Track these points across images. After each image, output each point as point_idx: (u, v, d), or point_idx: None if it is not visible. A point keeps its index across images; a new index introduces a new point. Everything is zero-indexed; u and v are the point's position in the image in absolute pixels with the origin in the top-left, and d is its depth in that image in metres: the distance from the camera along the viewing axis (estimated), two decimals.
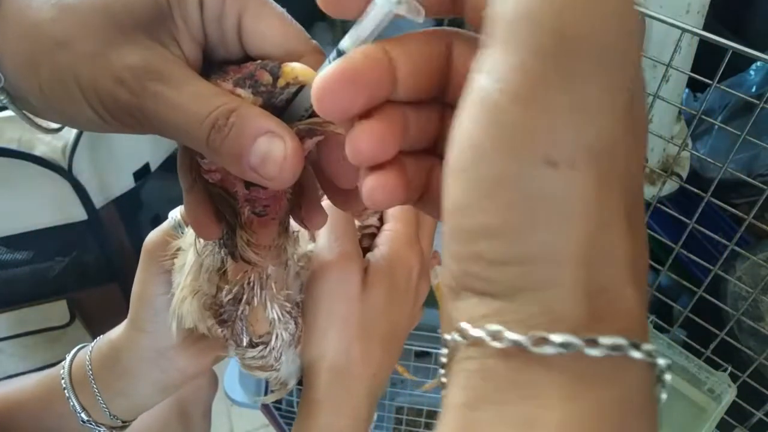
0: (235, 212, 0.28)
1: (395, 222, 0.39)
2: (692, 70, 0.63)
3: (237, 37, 0.25)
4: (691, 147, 0.69)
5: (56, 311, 1.25)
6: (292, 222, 0.32)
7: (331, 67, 0.20)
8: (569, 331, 0.15)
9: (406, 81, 0.21)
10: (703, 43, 0.57)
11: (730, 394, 0.66)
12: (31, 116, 0.27)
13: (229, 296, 0.33)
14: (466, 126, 0.15)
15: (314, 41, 0.26)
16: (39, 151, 1.06)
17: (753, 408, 0.66)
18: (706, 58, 0.62)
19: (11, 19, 0.23)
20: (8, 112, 1.08)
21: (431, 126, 0.23)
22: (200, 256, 0.33)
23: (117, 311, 0.48)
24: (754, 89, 1.12)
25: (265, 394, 1.00)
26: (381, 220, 0.41)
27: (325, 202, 0.31)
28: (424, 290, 0.41)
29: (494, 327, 0.16)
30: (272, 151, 0.23)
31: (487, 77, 0.15)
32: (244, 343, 0.35)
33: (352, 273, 0.36)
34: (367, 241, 0.40)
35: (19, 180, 1.07)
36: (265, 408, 1.00)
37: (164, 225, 0.38)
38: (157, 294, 0.38)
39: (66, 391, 0.42)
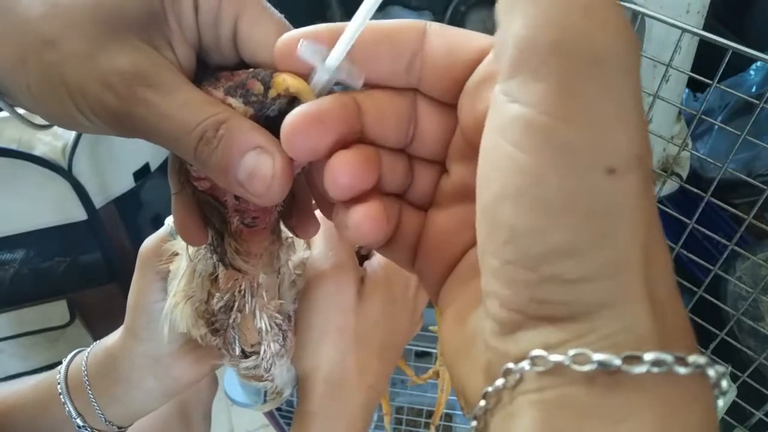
0: (224, 220, 0.28)
1: None
2: (692, 70, 0.63)
3: (232, 42, 0.25)
4: (691, 147, 0.69)
5: (56, 311, 1.25)
6: (285, 228, 0.32)
7: (298, 109, 0.20)
8: (657, 348, 0.15)
9: (373, 126, 0.21)
10: (703, 43, 0.57)
11: (730, 394, 0.66)
12: (20, 112, 0.26)
13: (221, 303, 0.33)
14: (509, 152, 0.15)
15: None
16: (39, 151, 1.06)
17: (753, 408, 0.66)
18: (706, 58, 0.62)
19: (1, 17, 0.23)
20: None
21: (399, 172, 0.23)
22: (193, 261, 0.33)
23: (117, 311, 0.48)
24: (754, 89, 1.12)
25: (264, 398, 1.00)
26: None
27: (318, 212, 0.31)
28: (423, 300, 0.41)
29: (577, 351, 0.15)
30: (260, 167, 0.22)
31: (524, 105, 0.15)
32: (237, 353, 0.35)
33: (347, 283, 0.36)
34: (365, 248, 0.40)
35: (19, 180, 1.07)
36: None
37: (160, 231, 0.38)
38: (153, 301, 0.38)
39: (62, 396, 0.42)
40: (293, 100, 0.23)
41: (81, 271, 1.23)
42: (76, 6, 0.22)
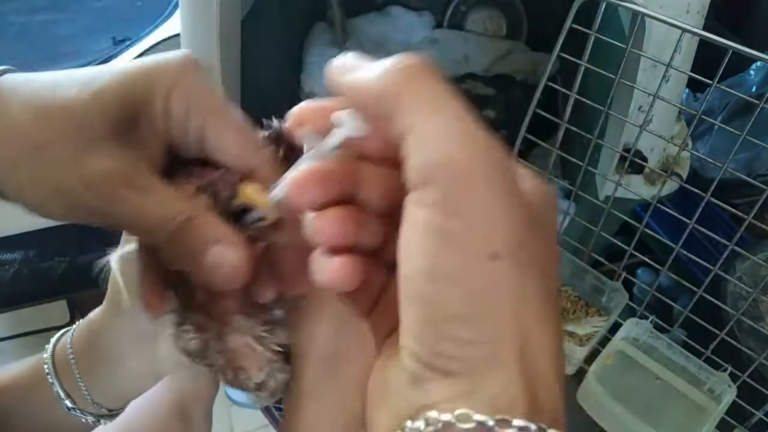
0: (189, 292, 0.30)
1: None
2: (692, 70, 0.63)
3: (199, 143, 0.27)
4: (691, 147, 0.69)
5: (56, 311, 1.25)
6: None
7: (307, 165, 0.23)
8: (525, 417, 0.18)
9: (365, 191, 0.24)
10: (703, 43, 0.57)
11: (730, 394, 0.66)
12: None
13: (197, 347, 0.32)
14: (417, 240, 0.20)
15: (268, 150, 0.28)
16: None
17: (753, 408, 0.66)
18: (706, 58, 0.62)
19: None
20: None
21: (376, 233, 0.25)
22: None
23: None
24: (754, 89, 1.12)
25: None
26: None
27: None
28: None
29: (461, 411, 0.18)
30: (223, 259, 0.25)
31: (426, 207, 0.20)
32: (250, 385, 0.34)
33: None
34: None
35: None
36: (265, 408, 1.00)
37: None
38: (134, 272, 0.36)
39: (49, 376, 0.41)
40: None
41: (81, 271, 1.23)
42: (62, 114, 0.25)
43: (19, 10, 1.22)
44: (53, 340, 0.43)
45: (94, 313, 0.42)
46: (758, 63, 1.12)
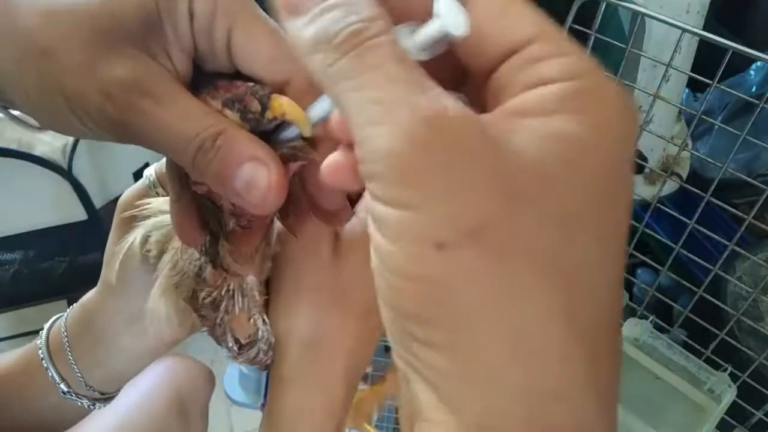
0: (220, 223, 0.28)
1: None
2: (692, 70, 0.63)
3: (226, 51, 0.25)
4: (691, 147, 0.69)
5: (56, 311, 1.25)
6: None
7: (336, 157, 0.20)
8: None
9: None
10: (703, 43, 0.57)
11: (730, 394, 0.66)
12: (16, 115, 0.27)
13: (208, 299, 0.32)
14: (373, 234, 0.17)
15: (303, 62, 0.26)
16: (39, 151, 1.06)
17: (753, 408, 0.66)
18: (706, 58, 0.62)
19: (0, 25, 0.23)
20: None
21: None
22: (180, 260, 0.32)
23: None
24: (754, 89, 1.12)
25: (265, 394, 1.00)
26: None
27: None
28: None
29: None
30: (257, 178, 0.23)
31: (377, 200, 0.17)
32: (229, 345, 0.34)
33: (319, 239, 0.33)
34: None
35: (19, 180, 1.07)
36: (265, 408, 1.00)
37: (139, 184, 0.37)
38: (129, 255, 0.36)
39: (44, 361, 0.40)
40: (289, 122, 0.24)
41: (81, 271, 1.23)
42: (71, 17, 0.23)
43: None
44: (46, 326, 0.42)
45: (88, 296, 0.41)
46: (758, 63, 1.12)
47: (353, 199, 0.35)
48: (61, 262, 1.23)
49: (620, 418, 0.69)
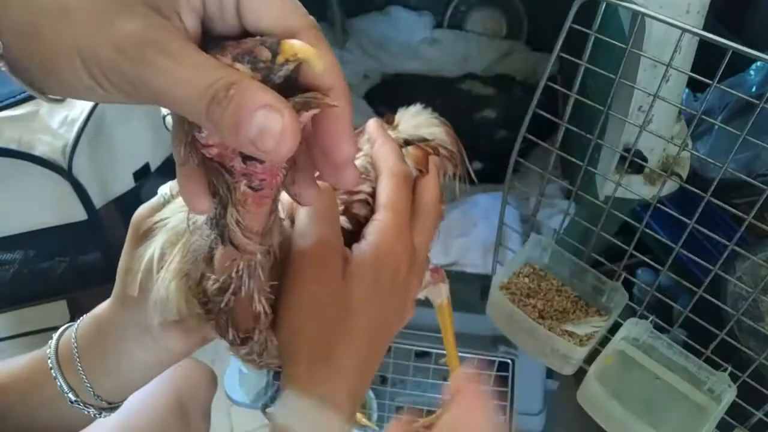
0: (230, 187, 0.28)
1: (385, 211, 0.37)
2: (692, 70, 0.63)
3: (235, 10, 0.26)
4: (691, 147, 0.69)
5: (56, 311, 1.25)
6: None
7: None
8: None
9: None
10: (703, 43, 0.57)
11: (730, 394, 0.66)
12: (30, 86, 0.27)
13: (215, 286, 0.32)
14: None
15: (311, 17, 0.27)
16: (39, 151, 1.06)
17: (753, 408, 0.66)
18: (706, 58, 0.62)
19: None
20: (8, 112, 1.08)
21: None
22: (188, 237, 0.32)
23: None
24: (754, 89, 1.12)
25: (265, 394, 1.00)
26: (373, 190, 0.39)
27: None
28: (415, 286, 0.39)
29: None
30: (270, 124, 0.23)
31: None
32: (230, 337, 0.34)
33: (330, 260, 0.34)
34: (358, 207, 0.38)
35: (19, 180, 1.07)
36: (266, 408, 1.00)
37: (153, 201, 0.37)
38: (147, 270, 0.37)
39: (53, 371, 0.41)
40: (298, 67, 0.25)
41: (81, 271, 1.23)
42: None
43: None
44: (55, 336, 0.43)
45: (101, 308, 0.42)
46: (758, 63, 1.12)
47: (361, 222, 0.37)
48: (61, 262, 1.23)
49: (620, 418, 0.69)
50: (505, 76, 1.50)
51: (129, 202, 1.22)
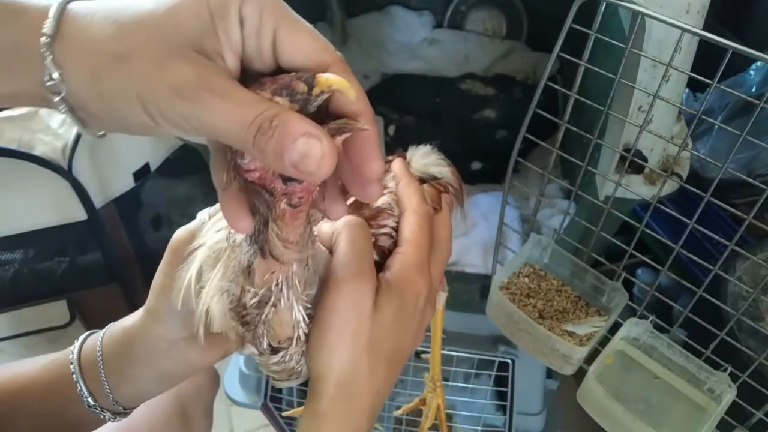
0: (269, 206, 0.31)
1: (408, 246, 0.41)
2: (692, 70, 0.63)
3: (272, 49, 0.29)
4: (691, 147, 0.69)
5: (56, 311, 1.25)
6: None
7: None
8: None
9: None
10: (703, 43, 0.57)
11: (730, 394, 0.66)
12: (81, 123, 0.30)
13: (255, 299, 0.35)
14: None
15: (339, 53, 0.30)
16: (39, 151, 1.06)
17: (753, 408, 0.66)
18: (706, 58, 0.62)
19: (73, 37, 0.27)
20: (8, 112, 1.08)
21: None
22: (231, 253, 0.35)
23: (117, 311, 0.49)
24: (754, 89, 1.12)
25: (266, 395, 1.00)
26: (396, 226, 0.43)
27: (346, 219, 0.38)
28: (429, 315, 0.43)
29: None
30: (311, 149, 0.27)
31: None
32: (264, 346, 0.37)
33: (365, 292, 0.37)
34: (383, 240, 0.42)
35: (19, 180, 1.07)
36: (265, 408, 1.00)
37: (192, 224, 0.40)
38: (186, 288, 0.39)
39: (74, 375, 0.44)
40: (330, 96, 0.29)
41: (81, 271, 1.23)
42: (141, 27, 0.27)
43: None
44: (78, 342, 0.46)
45: (131, 320, 0.44)
46: (758, 63, 1.12)
47: (385, 253, 0.42)
48: (61, 262, 1.23)
49: (620, 418, 0.69)
50: (505, 76, 1.50)
51: (129, 202, 1.22)
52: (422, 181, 0.50)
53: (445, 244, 0.45)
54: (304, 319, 0.37)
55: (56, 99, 0.28)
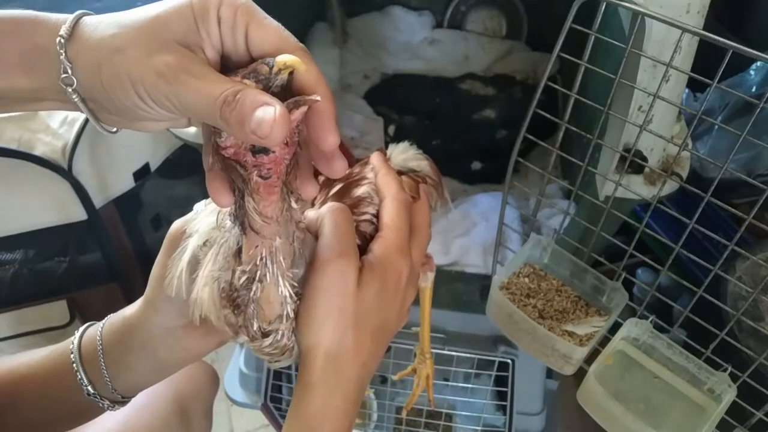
0: (245, 179, 0.35)
1: (388, 230, 0.44)
2: (692, 70, 0.63)
3: (245, 43, 0.35)
4: (691, 147, 0.69)
5: (56, 311, 1.25)
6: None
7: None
8: None
9: None
10: (703, 43, 0.57)
11: (730, 394, 0.66)
12: (93, 116, 0.36)
13: (243, 277, 0.38)
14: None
15: (301, 44, 0.35)
16: (39, 151, 1.06)
17: (753, 408, 0.66)
18: (706, 58, 0.62)
19: (82, 39, 0.34)
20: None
21: None
22: (221, 238, 0.38)
23: (117, 311, 0.49)
24: (754, 89, 1.12)
25: (265, 395, 1.00)
26: (377, 213, 0.46)
27: (329, 204, 0.42)
28: (411, 295, 0.46)
29: None
30: (266, 115, 0.31)
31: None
32: (255, 329, 0.39)
33: (349, 271, 0.40)
34: (364, 226, 0.46)
35: (19, 180, 1.07)
36: (265, 408, 1.00)
37: (188, 215, 0.43)
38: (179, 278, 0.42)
39: (75, 365, 0.47)
40: (290, 77, 0.33)
41: (81, 271, 1.23)
42: (136, 26, 0.33)
43: None
44: (78, 332, 0.49)
45: (130, 309, 0.47)
46: (758, 63, 1.12)
47: (367, 238, 0.45)
48: (61, 262, 1.23)
49: (620, 418, 0.69)
50: (505, 76, 1.50)
51: (129, 202, 1.22)
52: (401, 174, 0.53)
53: (424, 229, 0.48)
54: (290, 294, 0.39)
55: (69, 89, 0.34)
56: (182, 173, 1.31)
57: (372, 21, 1.55)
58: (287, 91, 0.34)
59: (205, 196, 0.39)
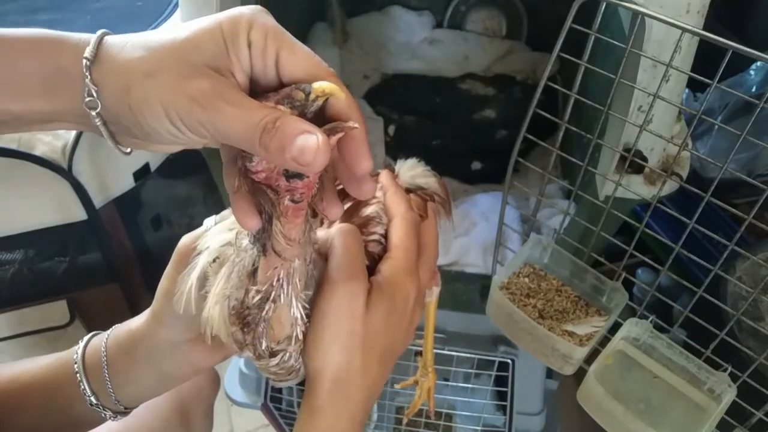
0: (274, 204, 0.35)
1: (397, 251, 0.44)
2: (692, 70, 0.63)
3: (275, 67, 0.34)
4: (691, 147, 0.69)
5: (56, 311, 1.25)
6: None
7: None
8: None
9: None
10: (703, 43, 0.57)
11: (730, 394, 0.66)
12: (113, 139, 0.35)
13: (257, 297, 0.37)
14: None
15: (331, 68, 0.35)
16: (39, 151, 1.06)
17: (753, 408, 0.66)
18: (706, 58, 0.62)
19: (108, 61, 0.32)
20: None
21: None
22: (237, 257, 0.38)
23: (117, 311, 0.50)
24: (754, 89, 1.12)
25: (266, 395, 1.00)
26: (385, 233, 0.46)
27: (339, 226, 0.42)
28: (418, 315, 0.46)
29: None
30: (309, 143, 0.31)
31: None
32: (263, 348, 0.39)
33: (358, 294, 0.40)
34: (372, 246, 0.45)
35: (19, 180, 1.07)
36: (265, 408, 1.00)
37: (198, 230, 0.43)
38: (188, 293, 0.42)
39: (78, 375, 0.47)
40: (325, 103, 0.33)
41: (81, 271, 1.23)
42: (166, 50, 0.32)
43: (20, 10, 1.22)
44: (82, 342, 0.49)
45: (137, 322, 0.47)
46: (758, 63, 1.12)
47: (375, 259, 0.44)
48: (61, 262, 1.23)
49: (620, 418, 0.68)
50: (505, 76, 1.50)
51: (129, 202, 1.22)
52: (409, 191, 0.53)
53: (432, 248, 0.47)
54: (302, 316, 0.39)
55: (93, 113, 0.33)
56: (182, 173, 1.31)
57: (372, 21, 1.55)
58: (320, 116, 0.34)
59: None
